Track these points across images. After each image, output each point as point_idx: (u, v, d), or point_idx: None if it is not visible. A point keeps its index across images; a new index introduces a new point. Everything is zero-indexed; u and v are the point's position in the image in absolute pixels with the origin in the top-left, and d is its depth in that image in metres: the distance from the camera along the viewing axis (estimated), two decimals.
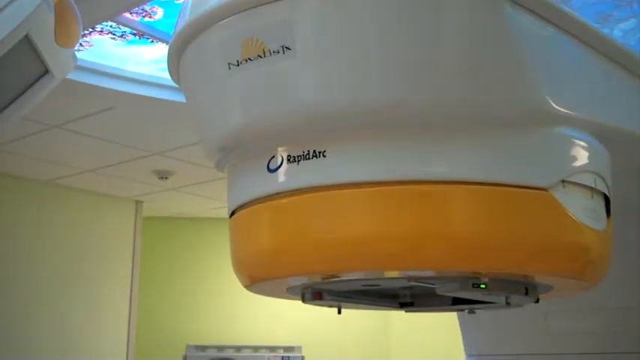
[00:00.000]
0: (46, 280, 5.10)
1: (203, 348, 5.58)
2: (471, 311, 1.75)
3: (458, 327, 2.32)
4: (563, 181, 1.36)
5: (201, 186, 5.45)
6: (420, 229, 1.30)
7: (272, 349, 5.64)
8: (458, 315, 2.22)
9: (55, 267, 5.18)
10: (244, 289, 1.63)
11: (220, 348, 5.62)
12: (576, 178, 1.39)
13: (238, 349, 5.63)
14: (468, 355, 2.30)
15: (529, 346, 2.16)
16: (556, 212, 1.35)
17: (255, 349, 5.67)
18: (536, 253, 1.35)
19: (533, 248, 1.34)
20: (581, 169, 1.41)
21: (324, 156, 1.34)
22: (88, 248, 5.38)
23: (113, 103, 4.26)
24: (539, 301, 1.55)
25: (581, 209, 1.39)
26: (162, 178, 5.23)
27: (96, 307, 5.34)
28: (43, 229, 5.17)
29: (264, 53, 1.32)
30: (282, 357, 5.56)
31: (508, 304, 1.49)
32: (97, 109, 4.29)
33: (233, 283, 1.61)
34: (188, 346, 5.57)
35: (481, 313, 1.77)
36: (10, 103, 2.40)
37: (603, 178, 1.44)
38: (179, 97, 4.24)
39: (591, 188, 1.41)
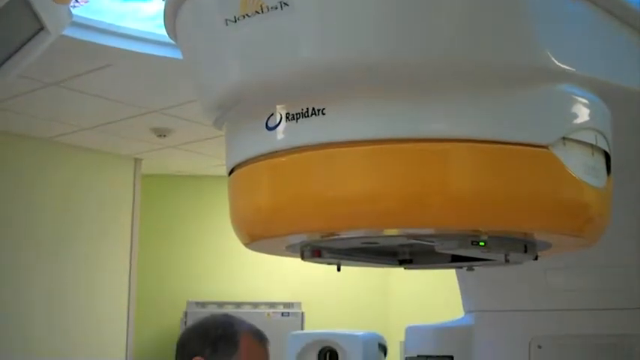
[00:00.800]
0: (46, 237, 5.12)
1: (203, 304, 5.64)
2: (470, 268, 1.75)
3: (457, 283, 2.34)
4: (563, 139, 1.35)
5: (200, 144, 5.44)
6: (419, 187, 1.30)
7: (272, 305, 5.70)
8: (457, 272, 2.24)
9: (54, 224, 5.19)
10: (244, 246, 1.63)
11: (220, 304, 5.67)
12: (577, 136, 1.38)
13: (238, 305, 5.68)
14: (467, 311, 2.32)
15: (527, 302, 2.17)
16: (556, 170, 1.34)
17: (255, 305, 5.72)
18: (536, 211, 1.35)
19: (532, 206, 1.34)
20: (582, 127, 1.40)
21: (323, 114, 1.33)
22: (87, 206, 5.39)
23: (111, 61, 4.23)
24: (538, 258, 1.56)
25: (581, 167, 1.38)
26: (160, 135, 5.22)
27: (96, 264, 5.37)
28: (42, 187, 5.17)
29: (262, 9, 1.30)
30: (282, 313, 5.62)
31: (507, 261, 1.49)
32: (94, 66, 4.26)
33: (233, 241, 1.61)
34: (188, 303, 5.63)
35: (480, 269, 1.78)
36: (6, 60, 2.38)
37: (604, 136, 1.43)
38: (177, 54, 4.19)
39: (592, 146, 1.41)
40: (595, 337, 2.01)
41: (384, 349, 2.26)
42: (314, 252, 1.55)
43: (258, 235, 1.51)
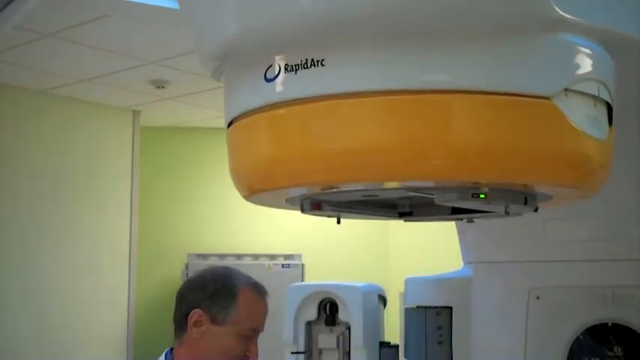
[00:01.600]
0: (44, 191, 5.11)
1: (204, 256, 5.67)
2: (470, 220, 1.75)
3: (456, 235, 2.34)
4: (565, 90, 1.34)
5: (199, 95, 5.40)
6: (420, 140, 1.29)
7: (272, 256, 5.73)
8: (456, 223, 2.24)
9: (52, 178, 5.18)
10: (244, 199, 1.63)
11: (221, 256, 5.70)
12: (579, 87, 1.36)
13: (239, 257, 5.71)
14: (466, 262, 2.33)
15: (526, 253, 2.18)
16: (558, 121, 1.33)
17: (256, 257, 5.75)
18: (537, 163, 1.34)
19: (534, 157, 1.33)
20: (585, 77, 1.38)
21: (322, 65, 1.31)
22: (86, 159, 5.37)
23: (107, 11, 4.18)
24: (538, 210, 1.56)
25: (583, 118, 1.37)
26: (159, 87, 5.18)
27: (96, 218, 5.37)
28: (40, 140, 5.14)
29: None
30: (283, 264, 5.65)
31: (507, 213, 1.49)
32: (90, 17, 4.21)
33: (234, 193, 1.60)
34: (189, 255, 5.65)
35: (479, 221, 1.78)
36: (0, 11, 2.35)
37: (607, 87, 1.42)
38: (175, 4, 4.13)
39: (594, 97, 1.39)
40: (593, 287, 2.03)
41: (383, 300, 2.28)
42: (314, 205, 1.55)
43: (258, 188, 1.51)
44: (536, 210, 1.54)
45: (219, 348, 1.79)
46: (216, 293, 1.81)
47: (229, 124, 1.53)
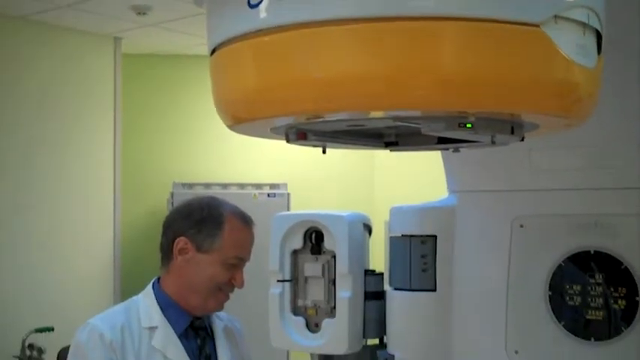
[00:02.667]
0: (25, 121, 5.04)
1: (190, 185, 5.66)
2: (456, 150, 1.75)
3: (442, 164, 2.35)
4: (555, 17, 1.32)
5: (182, 22, 5.30)
6: (406, 67, 1.27)
7: (258, 186, 5.73)
8: (442, 152, 2.24)
9: (34, 105, 5.10)
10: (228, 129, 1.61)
11: (207, 185, 5.69)
12: (569, 14, 1.34)
13: (225, 186, 5.71)
14: (451, 191, 2.34)
15: (511, 182, 2.19)
16: (546, 49, 1.31)
17: (242, 186, 5.75)
18: (525, 91, 1.33)
19: (521, 86, 1.32)
20: (575, 4, 1.35)
21: None
22: (66, 87, 5.28)
23: None
24: (524, 139, 1.55)
25: (572, 46, 1.35)
26: (140, 13, 5.07)
27: (78, 148, 5.32)
28: (18, 68, 5.05)
29: None
30: (268, 194, 5.66)
31: (493, 142, 1.49)
32: None
33: (219, 122, 1.59)
34: (174, 184, 5.64)
35: (465, 150, 1.78)
36: None
37: (597, 14, 1.40)
38: None
39: (584, 24, 1.37)
40: (577, 216, 2.04)
41: (368, 229, 2.29)
42: (299, 134, 1.53)
43: (242, 118, 1.49)
44: (522, 139, 1.53)
45: (204, 276, 1.80)
46: (202, 221, 1.81)
47: (212, 52, 1.50)
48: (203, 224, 1.81)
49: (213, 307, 1.85)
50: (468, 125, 1.36)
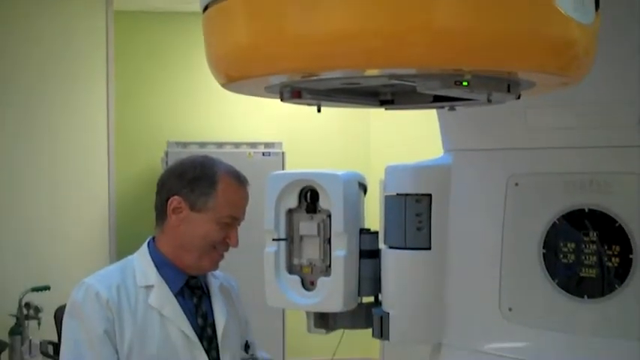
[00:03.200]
0: (16, 81, 4.99)
1: (184, 144, 5.64)
2: (452, 108, 1.74)
3: (437, 123, 2.34)
4: None
5: None
6: (401, 24, 1.25)
7: (253, 145, 5.71)
8: (437, 111, 2.22)
9: (22, 66, 5.04)
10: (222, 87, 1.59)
11: (202, 144, 5.67)
12: None
13: (219, 145, 5.69)
14: (446, 150, 2.33)
15: (506, 140, 2.18)
16: (544, 5, 1.30)
17: (237, 145, 5.73)
18: (522, 48, 1.31)
19: (518, 43, 1.30)
20: None
21: None
22: (57, 45, 5.22)
23: None
24: (521, 97, 1.54)
25: (569, 2, 1.33)
26: None
27: (71, 107, 5.27)
28: (11, 26, 4.98)
29: None
30: (263, 153, 5.64)
31: (489, 101, 1.48)
32: None
33: (213, 80, 1.57)
34: (169, 143, 5.61)
35: (461, 109, 1.77)
36: None
37: None
38: None
39: None
40: (572, 174, 2.04)
41: (364, 188, 2.29)
42: (293, 93, 1.52)
43: (235, 76, 1.47)
44: (518, 97, 1.52)
45: (198, 235, 1.80)
46: (196, 180, 1.81)
47: (205, 9, 1.47)
48: (197, 183, 1.81)
49: (208, 266, 1.85)
50: (464, 83, 1.35)
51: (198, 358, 1.78)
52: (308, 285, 2.25)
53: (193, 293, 1.85)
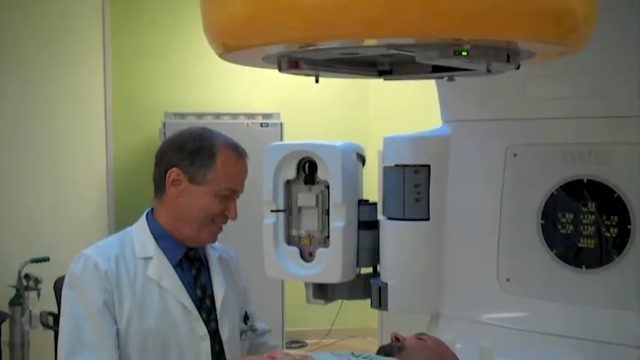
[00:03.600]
0: (14, 50, 4.95)
1: (182, 115, 5.61)
2: (451, 78, 1.73)
3: (436, 94, 2.32)
4: None
5: None
6: None
7: (251, 115, 5.68)
8: (436, 82, 2.21)
9: (23, 35, 5.00)
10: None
11: (199, 115, 5.64)
12: None
13: (217, 116, 5.66)
14: (445, 121, 2.32)
15: (505, 111, 2.18)
16: None
17: (234, 116, 5.70)
18: (521, 17, 1.30)
19: (517, 12, 1.29)
20: None
21: None
22: (55, 14, 5.16)
23: None
24: (520, 67, 1.53)
25: None
26: None
27: (69, 79, 5.23)
28: (7, 8, 4.94)
29: None
30: (261, 124, 5.62)
31: (489, 71, 1.47)
32: None
33: (211, 51, 1.56)
34: (167, 114, 5.58)
35: (460, 79, 1.76)
36: None
37: None
38: None
39: None
40: (571, 145, 2.04)
41: (362, 159, 2.28)
42: (291, 63, 1.51)
43: (232, 46, 1.46)
44: (518, 68, 1.51)
45: (197, 207, 1.80)
46: (195, 152, 1.80)
47: None
48: (195, 155, 1.80)
49: (206, 239, 1.85)
50: (463, 53, 1.34)
51: (197, 330, 1.79)
52: (306, 256, 2.25)
53: (192, 265, 1.85)
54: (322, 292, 2.29)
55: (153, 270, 1.78)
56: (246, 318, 1.96)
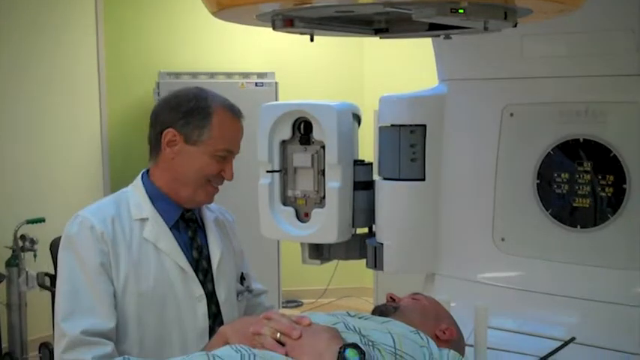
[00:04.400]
0: (5, 13, 4.89)
1: (176, 75, 5.56)
2: (447, 36, 1.71)
3: (432, 52, 2.30)
4: None
5: None
6: None
7: (245, 75, 5.64)
8: (432, 40, 2.19)
9: (18, 2, 4.93)
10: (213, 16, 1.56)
11: (194, 75, 5.60)
12: None
13: (212, 75, 5.61)
14: (441, 80, 2.31)
15: (502, 70, 2.16)
16: None
17: (229, 75, 5.66)
18: None
19: None
20: None
21: None
22: None
23: None
24: (517, 25, 1.51)
25: None
26: None
27: (61, 38, 5.18)
28: None
29: None
30: (256, 83, 5.58)
31: (486, 29, 1.45)
32: None
33: (205, 9, 1.53)
34: (161, 74, 5.54)
35: (456, 37, 1.74)
36: None
37: None
38: None
39: None
40: (567, 104, 2.03)
41: (358, 118, 2.27)
42: (285, 21, 1.48)
43: (226, 3, 1.44)
44: (515, 25, 1.50)
45: (193, 168, 1.79)
46: (190, 113, 1.78)
47: None
48: (191, 116, 1.78)
49: (203, 200, 1.85)
50: (460, 10, 1.32)
51: (194, 291, 1.79)
52: (302, 216, 2.25)
53: (188, 226, 1.85)
54: (318, 252, 2.30)
55: (149, 231, 1.78)
56: (242, 279, 1.97)
